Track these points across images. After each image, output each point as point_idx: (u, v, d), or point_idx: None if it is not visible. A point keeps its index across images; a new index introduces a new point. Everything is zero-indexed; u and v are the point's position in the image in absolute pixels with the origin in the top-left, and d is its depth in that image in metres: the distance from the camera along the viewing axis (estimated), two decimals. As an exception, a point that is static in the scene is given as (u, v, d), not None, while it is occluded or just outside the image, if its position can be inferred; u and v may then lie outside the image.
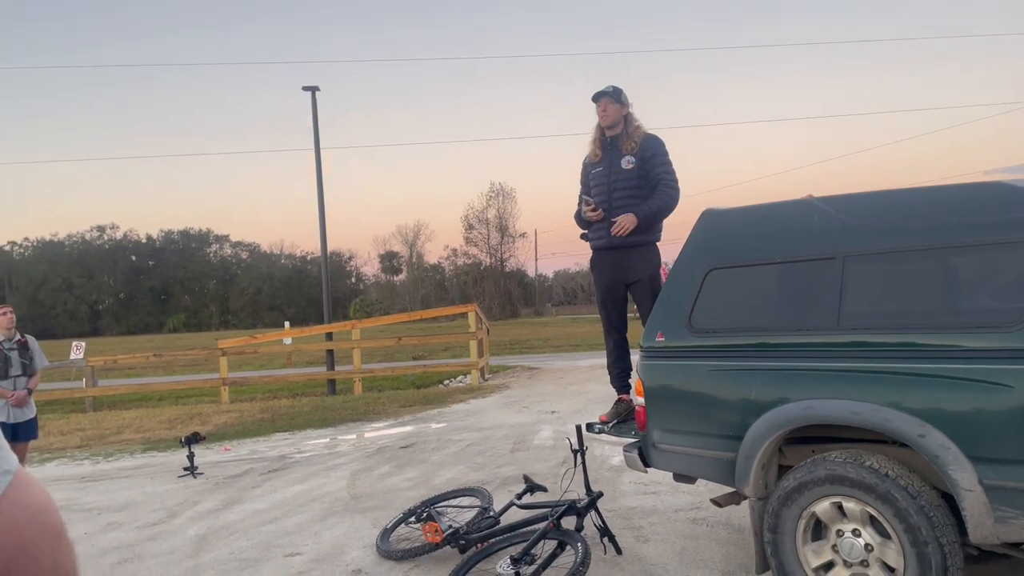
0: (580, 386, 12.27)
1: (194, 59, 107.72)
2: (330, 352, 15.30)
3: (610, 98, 4.59)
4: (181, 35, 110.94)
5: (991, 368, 2.69)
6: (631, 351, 4.75)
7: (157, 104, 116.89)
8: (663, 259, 4.79)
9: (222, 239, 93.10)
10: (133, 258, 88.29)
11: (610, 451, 6.68)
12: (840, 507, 3.01)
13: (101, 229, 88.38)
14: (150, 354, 18.68)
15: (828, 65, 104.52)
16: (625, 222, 4.45)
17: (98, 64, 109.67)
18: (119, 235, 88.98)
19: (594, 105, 4.69)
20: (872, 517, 2.93)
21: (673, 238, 4.74)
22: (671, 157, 4.64)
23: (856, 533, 2.99)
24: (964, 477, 2.70)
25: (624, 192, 4.56)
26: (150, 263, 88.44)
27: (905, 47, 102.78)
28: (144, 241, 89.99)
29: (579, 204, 4.75)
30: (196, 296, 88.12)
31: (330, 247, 17.45)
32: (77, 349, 15.99)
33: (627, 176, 4.55)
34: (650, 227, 4.59)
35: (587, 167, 4.77)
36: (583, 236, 4.87)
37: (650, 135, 4.65)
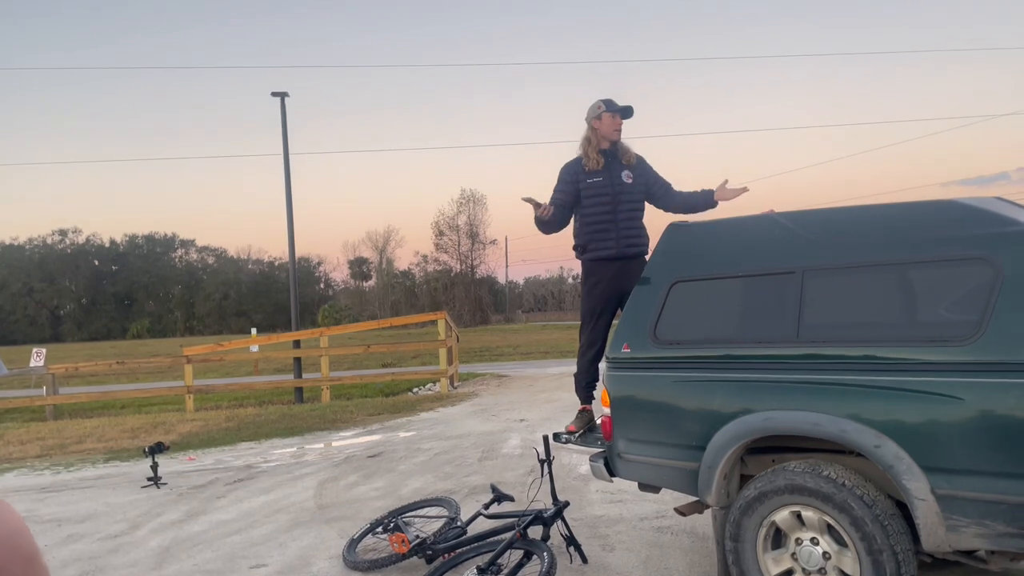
0: (549, 394, 12.31)
1: (161, 62, 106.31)
2: (297, 360, 15.16)
3: (624, 115, 4.65)
4: (148, 37, 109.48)
5: (944, 381, 2.78)
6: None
7: (122, 107, 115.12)
8: None
9: (188, 244, 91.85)
10: (96, 263, 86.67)
11: (577, 460, 6.73)
12: (799, 516, 3.09)
13: (63, 233, 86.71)
14: (113, 361, 18.35)
15: (789, 78, 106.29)
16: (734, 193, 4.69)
17: (62, 67, 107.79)
18: (81, 239, 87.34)
19: (592, 112, 4.65)
20: (830, 526, 3.00)
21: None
22: None
23: (814, 541, 3.06)
24: (917, 487, 2.78)
25: (630, 206, 4.64)
26: (113, 268, 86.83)
27: (865, 61, 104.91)
28: (107, 245, 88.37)
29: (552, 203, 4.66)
30: (160, 302, 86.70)
31: (299, 252, 17.36)
32: (37, 356, 15.65)
33: (630, 190, 4.64)
34: (640, 221, 4.74)
35: (579, 172, 4.65)
36: (575, 246, 4.77)
37: (637, 154, 4.76)
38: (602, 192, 4.59)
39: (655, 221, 4.83)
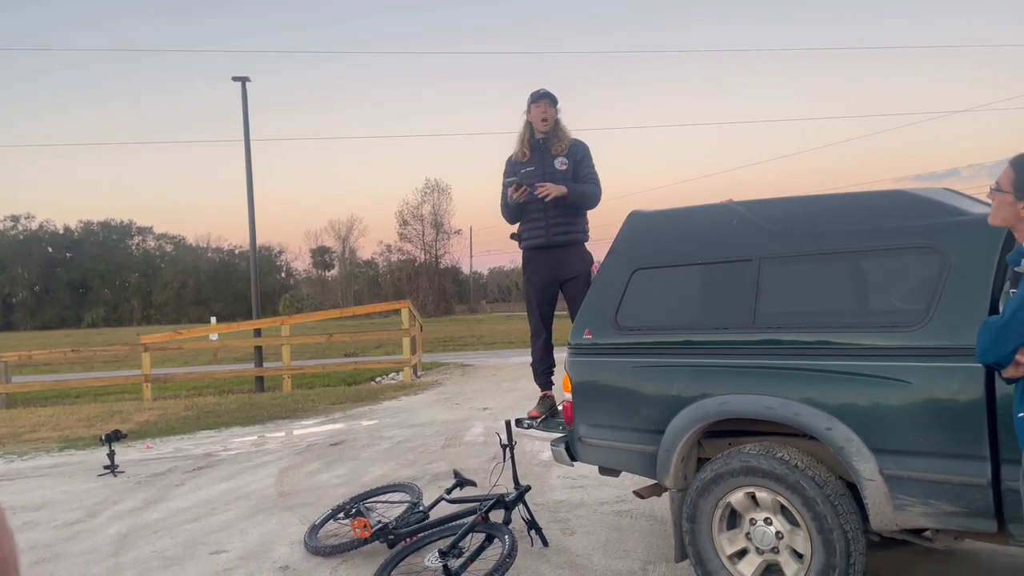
0: (512, 383, 12.37)
1: (120, 44, 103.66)
2: (258, 348, 14.99)
3: (550, 101, 4.70)
4: (105, 19, 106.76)
5: (892, 365, 2.87)
6: (555, 349, 4.89)
7: (77, 90, 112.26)
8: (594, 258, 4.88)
9: (145, 231, 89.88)
10: (49, 250, 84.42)
11: (540, 447, 6.80)
12: (753, 497, 3.17)
13: (15, 219, 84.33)
14: (67, 349, 17.96)
15: (745, 73, 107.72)
16: (553, 188, 4.53)
17: (14, 48, 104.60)
18: (34, 225, 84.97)
19: (526, 104, 4.76)
20: (783, 506, 3.09)
21: (602, 237, 4.87)
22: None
23: (768, 521, 3.15)
24: (866, 467, 2.87)
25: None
26: (68, 255, 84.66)
27: (818, 58, 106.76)
28: (61, 232, 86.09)
29: (504, 196, 4.78)
30: (117, 290, 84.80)
31: (260, 241, 17.17)
32: (-12, 344, 15.28)
33: (562, 176, 4.67)
34: (574, 209, 4.71)
35: (514, 164, 4.82)
36: (513, 236, 4.91)
37: (576, 140, 4.80)
38: (534, 181, 4.65)
39: (611, 209, 4.87)
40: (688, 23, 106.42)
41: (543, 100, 4.69)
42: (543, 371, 4.87)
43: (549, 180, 4.62)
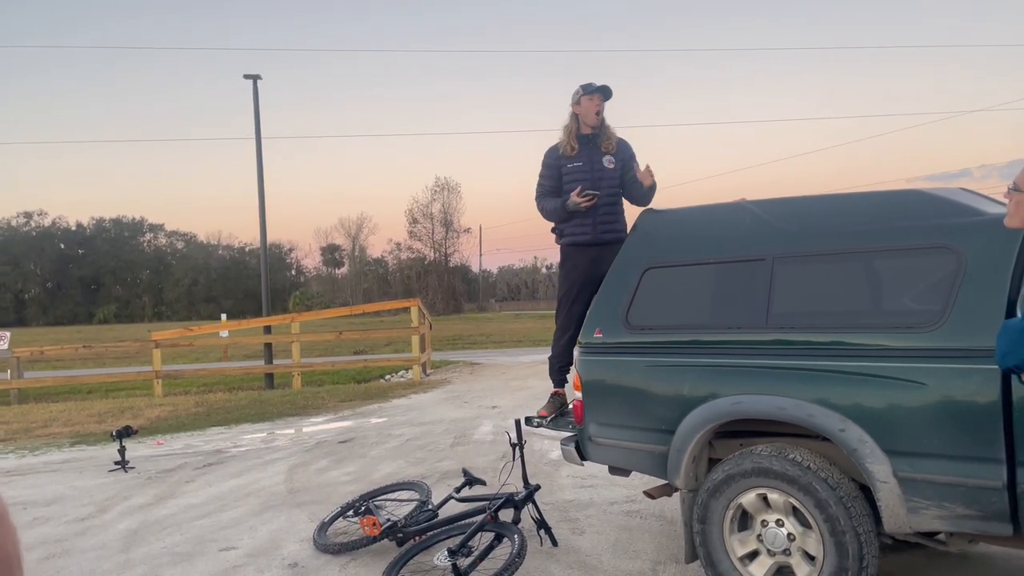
0: (522, 381, 12.35)
1: (130, 42, 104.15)
2: (268, 346, 15.04)
3: (604, 95, 4.61)
4: (118, 17, 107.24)
5: (907, 367, 2.84)
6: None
7: (90, 88, 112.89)
8: None
9: (156, 228, 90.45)
10: (62, 246, 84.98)
11: (549, 446, 6.78)
12: (765, 498, 3.14)
13: (28, 215, 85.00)
14: (79, 345, 18.07)
15: (756, 72, 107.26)
16: (649, 176, 4.50)
17: (27, 45, 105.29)
18: (47, 222, 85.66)
19: (574, 96, 4.65)
20: (795, 508, 3.06)
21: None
22: None
23: (779, 523, 3.12)
24: (880, 470, 2.84)
25: (609, 190, 4.61)
26: (80, 251, 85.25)
27: (830, 58, 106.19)
28: (74, 229, 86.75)
29: (544, 197, 4.68)
30: (128, 286, 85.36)
31: (270, 238, 17.21)
32: (1, 339, 15.36)
33: (611, 175, 4.62)
34: (620, 208, 4.73)
35: (560, 158, 4.68)
36: (554, 230, 4.81)
37: (621, 139, 4.74)
38: (582, 178, 4.58)
39: (634, 208, 4.83)
40: (694, 22, 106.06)
41: (597, 93, 4.59)
42: (559, 367, 4.82)
43: (600, 179, 4.57)
